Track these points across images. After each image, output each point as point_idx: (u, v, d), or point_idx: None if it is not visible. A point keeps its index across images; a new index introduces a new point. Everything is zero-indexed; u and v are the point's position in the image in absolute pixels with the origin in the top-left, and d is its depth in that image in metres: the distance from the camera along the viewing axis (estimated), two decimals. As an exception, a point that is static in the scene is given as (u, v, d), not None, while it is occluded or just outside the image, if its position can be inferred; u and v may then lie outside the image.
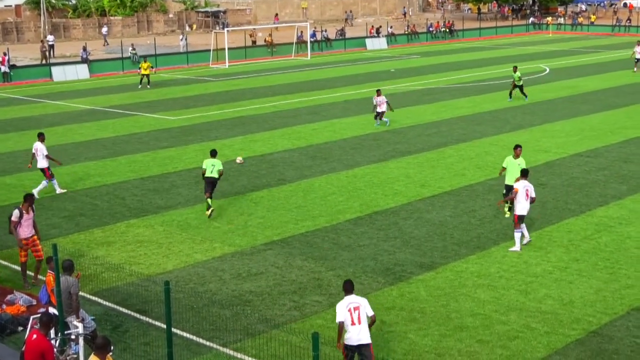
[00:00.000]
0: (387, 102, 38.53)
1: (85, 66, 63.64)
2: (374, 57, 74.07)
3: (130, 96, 51.26)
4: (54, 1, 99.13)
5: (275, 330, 16.37)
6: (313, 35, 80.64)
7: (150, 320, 17.09)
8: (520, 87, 45.65)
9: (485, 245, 21.53)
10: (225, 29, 74.66)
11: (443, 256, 20.79)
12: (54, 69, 62.27)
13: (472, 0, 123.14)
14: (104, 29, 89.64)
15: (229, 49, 69.57)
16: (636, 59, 58.88)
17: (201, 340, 16.07)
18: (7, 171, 31.06)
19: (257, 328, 16.59)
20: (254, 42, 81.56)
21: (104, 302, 18.15)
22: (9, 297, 18.09)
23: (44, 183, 27.10)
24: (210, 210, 24.32)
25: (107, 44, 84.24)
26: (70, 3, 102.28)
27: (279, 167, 30.96)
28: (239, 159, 31.98)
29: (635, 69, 58.94)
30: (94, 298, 18.35)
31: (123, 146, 35.46)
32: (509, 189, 22.84)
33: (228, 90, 53.53)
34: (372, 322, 13.78)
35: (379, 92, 38.52)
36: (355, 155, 32.67)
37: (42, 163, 27.01)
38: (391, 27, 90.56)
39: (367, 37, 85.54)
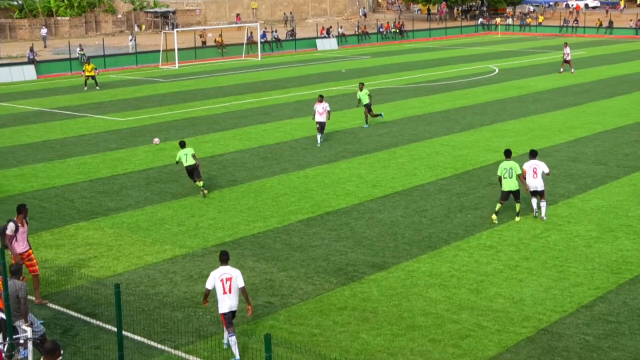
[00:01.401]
0: (328, 110, 34.31)
1: (32, 67, 62.77)
2: (324, 58, 74.19)
3: (79, 97, 50.69)
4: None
5: (227, 332, 16.31)
6: (263, 35, 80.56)
7: (101, 324, 16.92)
8: (368, 106, 38.66)
9: (437, 245, 21.69)
10: (175, 30, 74.26)
11: (395, 256, 20.90)
12: (0, 70, 61.33)
13: (422, 1, 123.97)
14: (43, 30, 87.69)
15: (178, 49, 69.18)
16: (564, 60, 59.62)
17: (152, 343, 15.96)
18: (-48, 174, 30.56)
19: (209, 330, 16.52)
20: (204, 42, 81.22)
21: (53, 306, 17.93)
22: (-45, 302, 17.78)
23: None
24: (204, 191, 26.83)
25: (46, 46, 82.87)
26: (16, 3, 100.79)
27: (229, 168, 30.86)
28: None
29: (561, 69, 59.85)
30: (42, 302, 18.11)
31: (72, 148, 35.06)
32: (508, 195, 23.60)
33: (178, 91, 53.21)
34: (243, 292, 15.15)
35: (321, 98, 34.44)
36: (307, 156, 32.70)
37: None
38: (341, 28, 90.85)
39: (317, 37, 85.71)
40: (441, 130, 37.86)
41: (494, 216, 23.62)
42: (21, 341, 14.79)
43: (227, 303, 14.98)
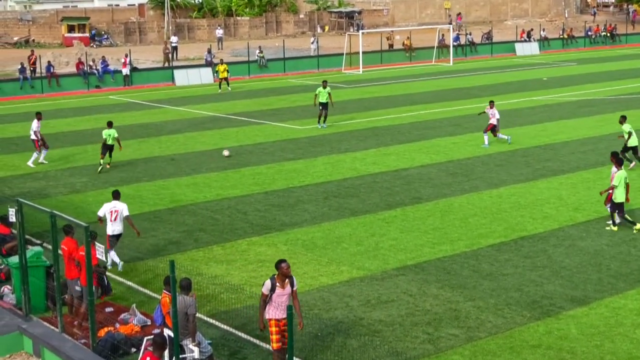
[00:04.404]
0: (498, 118, 37.59)
1: (209, 70, 65.12)
2: (524, 64, 73.09)
3: (256, 103, 52.22)
4: (178, 0, 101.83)
5: (406, 365, 16.30)
6: (456, 38, 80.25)
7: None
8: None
9: (647, 280, 20.89)
10: (360, 31, 75.15)
11: (598, 290, 20.27)
12: (177, 72, 64.10)
13: (638, 2, 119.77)
14: (219, 31, 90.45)
15: (363, 52, 69.97)
16: None
17: (325, 372, 16.15)
18: (125, 181, 32.09)
19: (386, 361, 16.56)
20: (391, 45, 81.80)
21: (222, 326, 18.46)
22: (122, 315, 18.63)
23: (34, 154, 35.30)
24: (101, 168, 33.56)
25: (222, 48, 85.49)
26: (195, 2, 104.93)
27: (414, 184, 30.88)
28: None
29: None
30: (211, 320, 18.70)
31: (247, 157, 36.10)
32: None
33: (361, 98, 53.83)
34: (127, 220, 22.28)
35: (492, 104, 37.97)
36: (501, 173, 32.27)
37: (32, 136, 35.34)
38: (544, 31, 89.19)
39: (516, 41, 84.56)
40: (656, 148, 36.37)
41: (614, 227, 24.88)
42: (188, 361, 15.29)
43: (115, 228, 22.12)
